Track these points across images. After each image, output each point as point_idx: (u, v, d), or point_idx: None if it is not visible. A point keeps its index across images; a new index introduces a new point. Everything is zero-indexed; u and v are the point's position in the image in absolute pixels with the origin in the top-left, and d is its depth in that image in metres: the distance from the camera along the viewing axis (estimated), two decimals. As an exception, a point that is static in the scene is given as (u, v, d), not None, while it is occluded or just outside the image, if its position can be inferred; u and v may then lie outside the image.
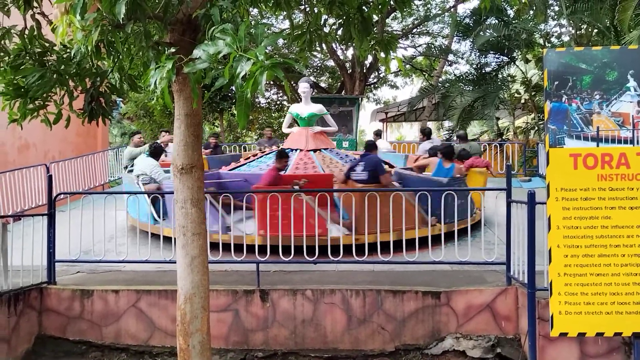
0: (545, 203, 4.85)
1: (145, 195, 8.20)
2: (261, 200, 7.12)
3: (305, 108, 10.13)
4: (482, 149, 12.80)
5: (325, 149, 10.06)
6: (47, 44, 4.13)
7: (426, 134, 13.84)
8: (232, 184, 8.77)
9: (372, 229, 6.83)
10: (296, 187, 7.49)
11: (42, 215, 6.86)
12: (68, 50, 4.07)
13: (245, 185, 8.43)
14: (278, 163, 8.26)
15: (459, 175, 8.81)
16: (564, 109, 4.76)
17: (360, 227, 6.85)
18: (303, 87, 10.14)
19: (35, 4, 4.13)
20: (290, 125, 10.78)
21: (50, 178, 7.09)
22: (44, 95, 4.11)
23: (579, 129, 4.76)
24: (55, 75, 3.98)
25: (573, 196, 4.67)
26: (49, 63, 4.06)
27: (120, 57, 4.17)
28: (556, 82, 4.76)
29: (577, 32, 17.72)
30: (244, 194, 7.69)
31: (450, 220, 6.91)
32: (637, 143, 4.75)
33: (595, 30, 17.00)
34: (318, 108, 10.26)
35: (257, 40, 2.97)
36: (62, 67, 4.03)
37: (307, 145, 9.94)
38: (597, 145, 4.75)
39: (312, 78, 25.69)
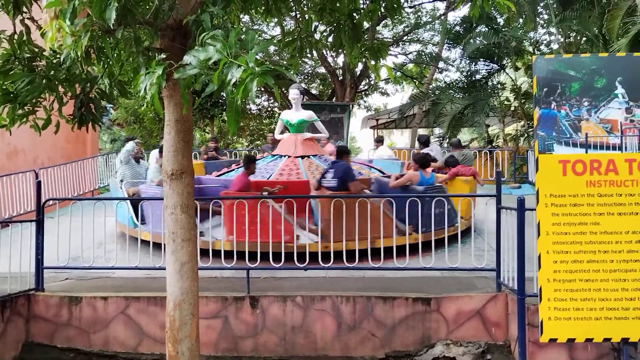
0: (534, 209, 4.87)
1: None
2: (229, 206, 7.23)
3: (295, 114, 10.14)
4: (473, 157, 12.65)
5: (314, 156, 10.08)
6: (36, 49, 4.12)
7: (423, 142, 13.05)
8: (210, 190, 8.79)
9: (347, 236, 6.83)
10: (265, 194, 7.53)
11: (31, 221, 6.80)
12: (58, 56, 4.06)
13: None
14: (248, 168, 8.40)
15: (439, 184, 8.82)
16: (553, 116, 4.79)
17: (328, 234, 6.86)
18: (293, 93, 10.17)
19: (24, 9, 4.11)
20: (283, 132, 10.79)
21: (39, 184, 7.03)
22: (33, 100, 4.10)
23: (568, 136, 4.80)
24: (44, 81, 3.97)
25: (562, 202, 4.70)
26: (39, 68, 4.05)
27: (110, 62, 4.16)
28: (545, 89, 4.80)
29: (566, 40, 17.87)
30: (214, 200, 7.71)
31: (428, 229, 6.89)
32: (626, 149, 4.79)
33: (584, 39, 17.14)
34: (308, 114, 10.28)
35: (247, 46, 2.97)
36: (52, 72, 4.03)
37: (296, 151, 9.96)
38: (586, 152, 4.79)
39: (303, 85, 25.75)
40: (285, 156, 9.94)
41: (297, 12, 5.31)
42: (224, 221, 7.32)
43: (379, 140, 14.97)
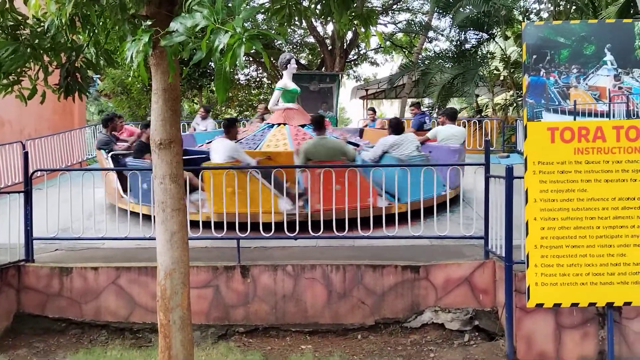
0: (522, 178, 4.91)
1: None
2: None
3: (294, 85, 10.22)
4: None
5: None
6: (20, 17, 4.04)
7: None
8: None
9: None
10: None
11: (19, 192, 6.77)
12: (42, 24, 3.99)
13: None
14: None
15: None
16: (542, 83, 4.79)
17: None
18: (294, 63, 10.30)
19: (6, -24, 4.02)
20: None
21: (26, 155, 6.98)
22: (18, 70, 4.03)
23: (557, 103, 4.80)
24: (29, 50, 3.89)
25: (550, 169, 4.74)
26: (22, 37, 3.97)
27: (96, 31, 4.09)
28: (535, 56, 4.79)
29: (556, 9, 17.76)
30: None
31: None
32: (613, 117, 4.81)
33: (574, 7, 17.06)
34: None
35: (235, 12, 2.93)
36: (36, 41, 3.95)
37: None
38: (574, 119, 4.80)
39: (292, 54, 25.54)
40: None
41: (285, -21, 5.21)
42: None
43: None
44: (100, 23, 4.00)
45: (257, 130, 10.18)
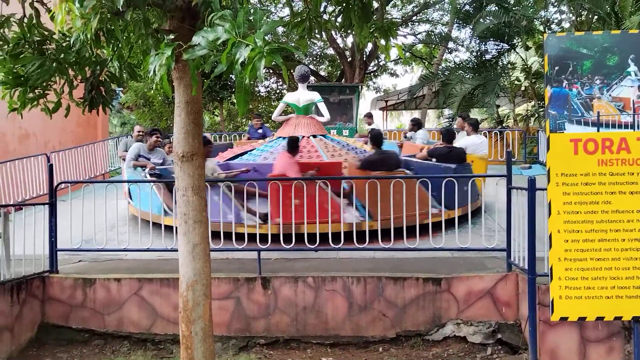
0: (545, 189, 4.85)
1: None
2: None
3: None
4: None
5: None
6: (46, 32, 4.12)
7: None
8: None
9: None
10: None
11: (44, 204, 6.87)
12: (67, 39, 4.06)
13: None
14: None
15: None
16: (564, 94, 4.75)
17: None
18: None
19: (33, -8, 4.11)
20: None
21: (51, 167, 7.09)
22: (44, 84, 4.11)
23: (580, 114, 4.75)
24: (54, 64, 3.97)
25: (573, 181, 4.68)
26: (49, 51, 4.06)
27: (120, 45, 4.16)
28: (557, 67, 4.75)
29: (578, 19, 17.60)
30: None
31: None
32: (638, 128, 4.73)
33: (596, 17, 16.89)
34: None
35: (256, 26, 2.96)
36: (62, 55, 4.03)
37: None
38: (598, 131, 4.74)
39: (311, 66, 25.65)
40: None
41: (306, -7, 5.25)
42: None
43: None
44: (124, 37, 4.07)
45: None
